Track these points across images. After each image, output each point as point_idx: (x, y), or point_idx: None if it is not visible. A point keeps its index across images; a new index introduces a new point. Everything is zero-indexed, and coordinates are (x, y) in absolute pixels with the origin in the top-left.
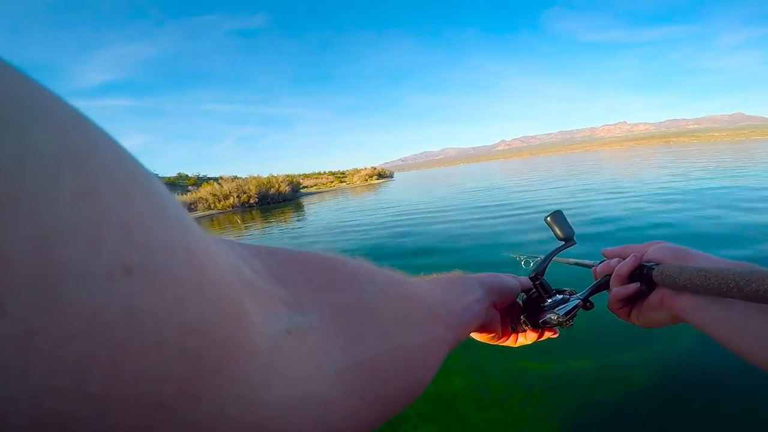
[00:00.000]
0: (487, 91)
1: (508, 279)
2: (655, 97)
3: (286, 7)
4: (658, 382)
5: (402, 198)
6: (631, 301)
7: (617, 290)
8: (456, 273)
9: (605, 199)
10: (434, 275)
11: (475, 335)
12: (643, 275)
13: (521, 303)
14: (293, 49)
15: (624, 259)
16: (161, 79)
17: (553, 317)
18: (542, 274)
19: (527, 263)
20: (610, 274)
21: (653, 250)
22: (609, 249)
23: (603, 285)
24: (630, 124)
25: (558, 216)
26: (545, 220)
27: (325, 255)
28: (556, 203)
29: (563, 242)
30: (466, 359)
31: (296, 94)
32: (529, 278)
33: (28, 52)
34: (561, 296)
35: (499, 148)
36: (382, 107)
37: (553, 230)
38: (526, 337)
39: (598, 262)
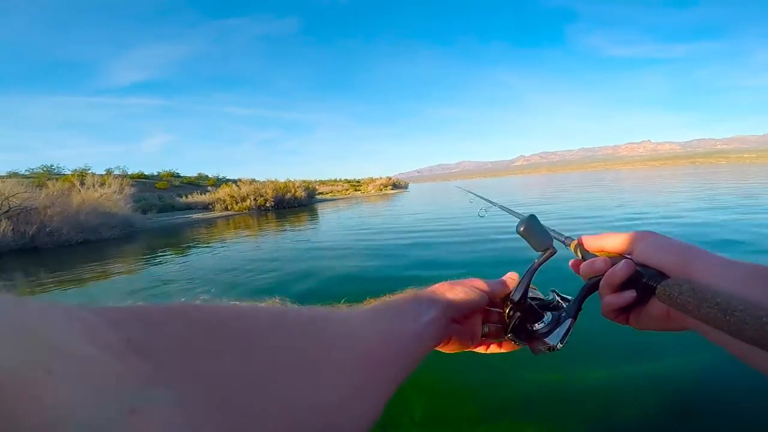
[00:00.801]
0: (508, 106)
1: (469, 291)
2: (681, 116)
3: (314, 13)
4: (674, 401)
5: (415, 209)
6: (626, 308)
7: (610, 299)
8: (410, 292)
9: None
10: (386, 297)
11: (438, 348)
12: (640, 283)
13: (507, 318)
14: (316, 55)
15: (609, 255)
16: (188, 79)
17: (544, 348)
18: (526, 296)
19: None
20: (597, 277)
21: (645, 247)
22: (587, 237)
23: (592, 288)
24: (654, 143)
25: (531, 223)
26: (517, 231)
27: (218, 307)
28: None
29: (542, 253)
30: (468, 368)
31: (316, 101)
32: (512, 302)
33: (70, 49)
34: (551, 316)
35: (517, 163)
36: (400, 117)
37: (528, 241)
38: (501, 347)
39: (573, 240)
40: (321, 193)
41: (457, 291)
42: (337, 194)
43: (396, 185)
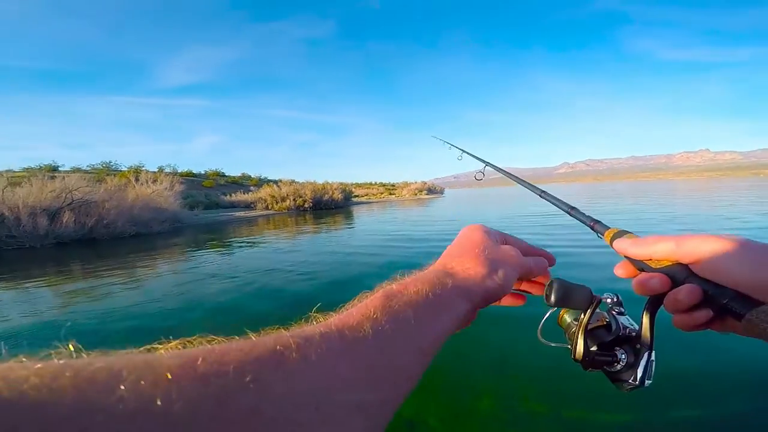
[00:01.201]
0: (551, 111)
1: (510, 273)
2: (743, 123)
3: (352, 17)
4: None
5: (450, 215)
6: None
7: (681, 319)
8: (432, 273)
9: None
10: (413, 275)
11: None
12: (716, 303)
13: (577, 356)
14: (354, 59)
15: (662, 265)
16: (233, 82)
17: (628, 387)
18: (589, 354)
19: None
20: (660, 295)
21: (713, 257)
22: (633, 240)
23: (655, 305)
24: (713, 152)
25: (561, 288)
26: (549, 303)
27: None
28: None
29: (589, 309)
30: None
31: (353, 104)
32: (577, 361)
33: (125, 51)
34: (624, 354)
35: (560, 171)
36: (437, 122)
37: (567, 307)
38: (517, 300)
39: (608, 229)
40: (356, 196)
41: (497, 276)
42: (372, 197)
43: (431, 190)
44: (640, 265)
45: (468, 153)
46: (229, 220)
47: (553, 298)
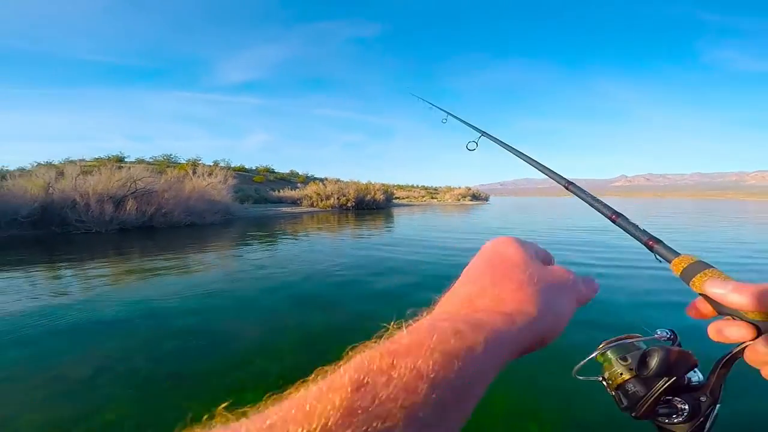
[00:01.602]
0: (611, 120)
1: (567, 313)
2: None
3: (401, 19)
4: None
5: (497, 225)
6: None
7: None
8: (451, 319)
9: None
10: (415, 326)
11: None
12: None
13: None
14: (402, 61)
15: (755, 316)
16: (285, 81)
17: None
18: (653, 411)
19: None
20: (738, 349)
21: None
22: (727, 286)
23: (732, 359)
24: None
25: (665, 360)
26: (642, 370)
27: None
28: None
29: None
30: None
31: (400, 106)
32: (626, 409)
33: (186, 48)
34: (687, 406)
35: (617, 184)
36: (485, 126)
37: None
38: None
39: (677, 257)
40: (398, 198)
41: (552, 314)
42: (414, 200)
43: (476, 196)
44: (727, 311)
45: (456, 117)
46: (276, 215)
47: (653, 369)
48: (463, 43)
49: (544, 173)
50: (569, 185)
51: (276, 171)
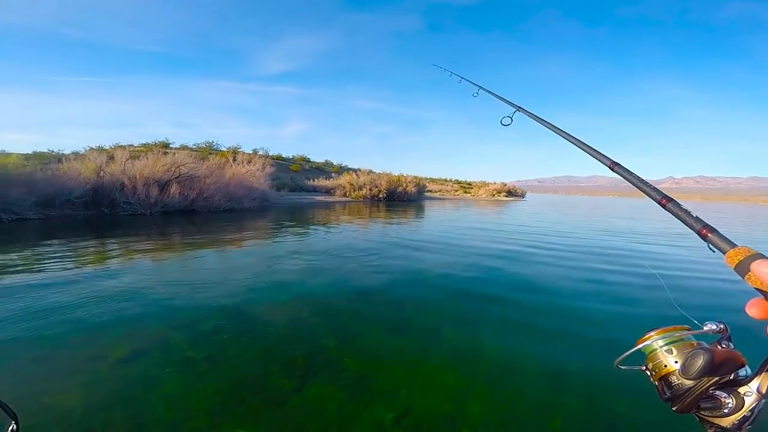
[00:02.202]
0: (658, 119)
1: None
2: None
3: (438, 11)
4: None
5: (539, 226)
6: None
7: None
8: None
9: None
10: None
11: None
12: None
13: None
14: (437, 53)
15: None
16: (323, 71)
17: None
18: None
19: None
20: None
21: None
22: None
23: None
24: None
25: (710, 362)
26: (685, 373)
27: None
28: None
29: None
30: None
31: (433, 98)
32: (667, 400)
33: (228, 38)
34: (731, 400)
35: (664, 185)
36: (523, 122)
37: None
38: None
39: (734, 248)
40: (430, 191)
41: None
42: (446, 194)
43: (511, 192)
44: None
45: (488, 91)
46: (310, 203)
47: (696, 372)
48: (500, 38)
49: (586, 152)
50: (614, 166)
51: (311, 160)
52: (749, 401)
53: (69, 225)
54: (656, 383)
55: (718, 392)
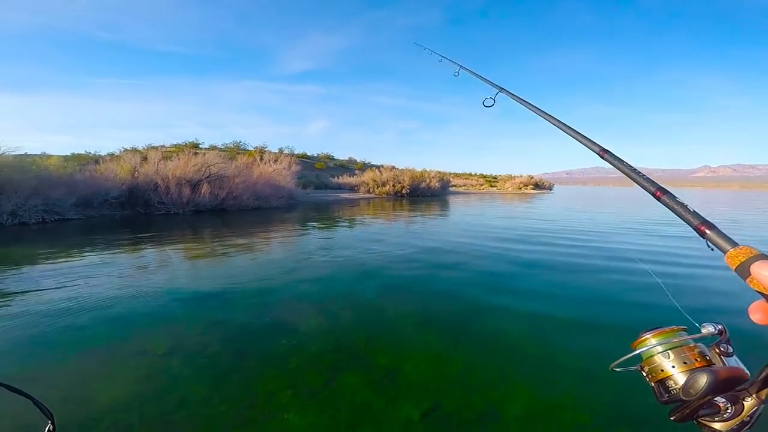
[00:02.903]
0: (692, 108)
1: None
2: None
3: (456, 5)
4: None
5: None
6: None
7: None
8: None
9: None
10: None
11: None
12: None
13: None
14: (458, 47)
15: None
16: (345, 69)
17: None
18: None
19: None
20: None
21: None
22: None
23: None
24: None
25: (714, 383)
26: (686, 392)
27: None
28: None
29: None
30: None
31: (455, 93)
32: (664, 404)
33: (251, 38)
34: (729, 405)
35: (699, 174)
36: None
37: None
38: None
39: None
40: (454, 185)
41: None
42: (471, 188)
43: (539, 185)
44: None
45: (469, 70)
46: (335, 200)
47: (698, 394)
48: (523, 29)
49: (573, 137)
50: (604, 153)
51: (335, 158)
52: (748, 406)
53: (108, 224)
54: (653, 385)
55: (717, 398)
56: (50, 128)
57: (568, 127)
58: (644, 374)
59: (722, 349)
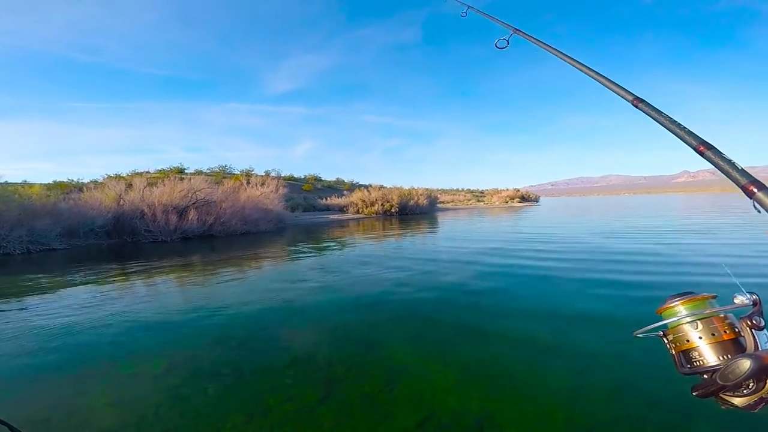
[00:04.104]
0: (672, 113)
1: None
2: None
3: (436, 23)
4: None
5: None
6: None
7: None
8: None
9: None
10: None
11: None
12: None
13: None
14: (440, 64)
15: None
16: (328, 89)
17: (726, 407)
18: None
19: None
20: None
21: None
22: None
23: None
24: None
25: (760, 367)
26: (726, 378)
27: None
28: None
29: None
30: None
31: (440, 109)
32: (686, 375)
33: (234, 60)
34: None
35: (679, 180)
36: (532, 126)
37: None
38: None
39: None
40: (442, 202)
41: None
42: (459, 204)
43: (525, 198)
44: None
45: (478, 11)
46: (324, 222)
47: (738, 380)
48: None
49: (603, 84)
50: (638, 102)
51: (323, 179)
52: None
53: (94, 254)
54: (674, 353)
55: None
56: (29, 155)
57: (596, 72)
58: (666, 341)
59: (754, 321)
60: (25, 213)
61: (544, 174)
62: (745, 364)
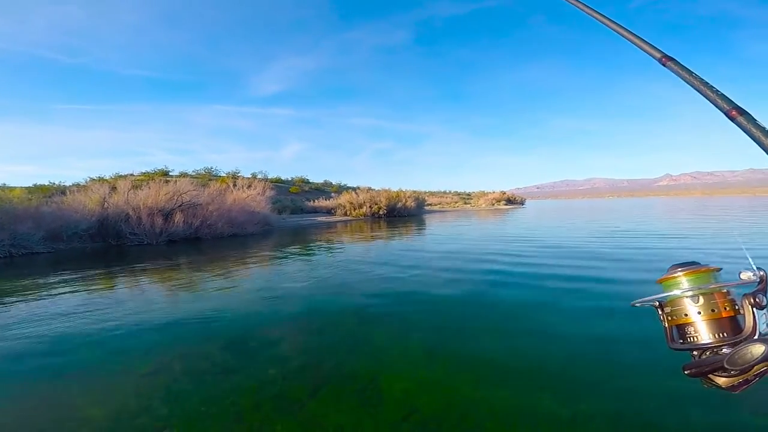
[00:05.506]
0: (652, 118)
1: None
2: None
3: (425, 25)
4: None
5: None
6: None
7: None
8: None
9: None
10: None
11: None
12: None
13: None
14: (429, 67)
15: None
16: (317, 91)
17: (710, 387)
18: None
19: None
20: None
21: None
22: None
23: None
24: None
25: (742, 354)
26: (732, 364)
27: None
28: None
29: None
30: None
31: (429, 112)
32: (676, 350)
33: (220, 61)
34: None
35: (661, 183)
36: (519, 129)
37: None
38: None
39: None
40: (430, 204)
41: None
42: (446, 206)
43: (511, 200)
44: None
45: None
46: (311, 224)
47: (747, 365)
48: (488, 47)
49: (628, 39)
50: (667, 60)
51: (311, 181)
52: (758, 366)
53: (78, 258)
54: (666, 326)
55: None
56: (9, 158)
57: (623, 27)
58: (661, 313)
59: (757, 300)
60: (7, 217)
61: (530, 177)
62: (760, 348)
